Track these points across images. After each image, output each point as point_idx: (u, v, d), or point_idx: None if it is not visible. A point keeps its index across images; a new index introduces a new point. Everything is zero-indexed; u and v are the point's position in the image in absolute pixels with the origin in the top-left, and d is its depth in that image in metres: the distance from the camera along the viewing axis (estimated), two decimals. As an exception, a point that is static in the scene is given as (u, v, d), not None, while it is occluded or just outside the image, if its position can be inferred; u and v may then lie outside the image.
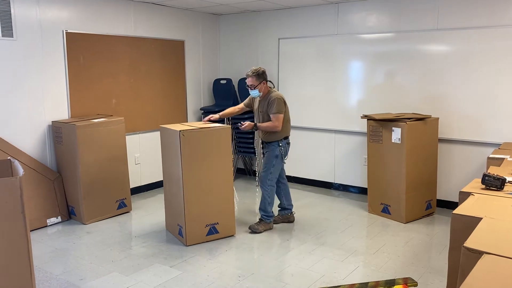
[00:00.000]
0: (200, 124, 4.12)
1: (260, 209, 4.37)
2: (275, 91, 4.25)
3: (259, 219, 4.37)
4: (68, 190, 4.58)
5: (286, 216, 4.56)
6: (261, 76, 4.18)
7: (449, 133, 4.85)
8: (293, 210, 4.61)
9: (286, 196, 4.58)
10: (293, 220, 4.57)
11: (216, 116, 4.33)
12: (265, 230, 4.31)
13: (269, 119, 4.19)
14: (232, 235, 4.14)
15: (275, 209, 4.56)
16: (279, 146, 4.24)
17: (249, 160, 6.59)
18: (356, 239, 4.11)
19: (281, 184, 4.53)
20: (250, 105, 4.47)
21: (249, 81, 4.18)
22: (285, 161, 4.41)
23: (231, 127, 4.26)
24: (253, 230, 4.27)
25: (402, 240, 4.09)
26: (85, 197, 4.45)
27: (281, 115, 4.16)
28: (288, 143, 4.36)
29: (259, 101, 4.31)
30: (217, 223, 4.04)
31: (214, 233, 4.03)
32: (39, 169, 4.42)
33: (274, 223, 4.44)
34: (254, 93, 4.23)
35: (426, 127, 4.59)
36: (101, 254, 3.78)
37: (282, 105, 4.18)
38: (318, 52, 5.70)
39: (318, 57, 5.71)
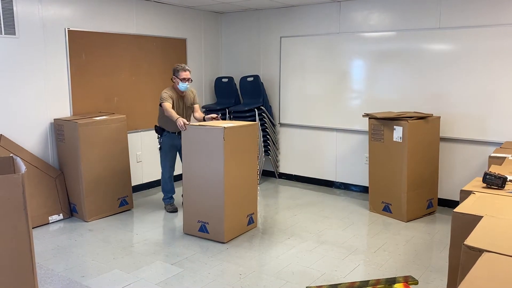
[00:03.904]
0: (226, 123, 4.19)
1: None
2: None
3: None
4: (70, 188, 4.60)
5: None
6: None
7: (450, 132, 4.85)
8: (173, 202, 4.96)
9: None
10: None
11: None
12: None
13: (189, 113, 4.64)
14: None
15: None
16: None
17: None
18: (357, 238, 4.11)
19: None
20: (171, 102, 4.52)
21: (189, 75, 4.48)
22: None
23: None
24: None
25: (403, 238, 4.09)
26: (87, 194, 4.46)
27: None
28: None
29: (181, 97, 4.58)
30: (253, 213, 4.26)
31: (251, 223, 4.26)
32: (41, 167, 4.43)
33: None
34: (187, 86, 4.50)
35: (427, 125, 4.58)
36: (102, 251, 3.79)
37: None
38: (320, 51, 5.70)
39: (320, 55, 5.71)
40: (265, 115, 6.01)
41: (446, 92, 4.83)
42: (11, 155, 2.60)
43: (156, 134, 4.76)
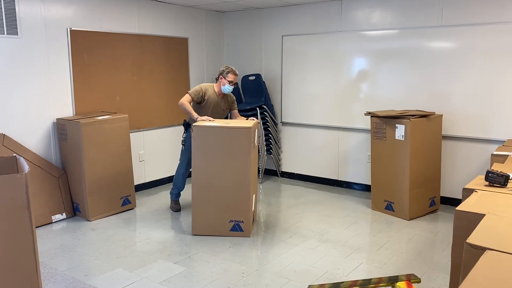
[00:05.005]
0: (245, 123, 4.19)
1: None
2: None
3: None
4: (72, 187, 4.61)
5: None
6: None
7: (453, 130, 4.84)
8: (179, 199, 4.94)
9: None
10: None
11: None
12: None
13: (224, 114, 4.62)
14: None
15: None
16: None
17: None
18: (359, 236, 4.11)
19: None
20: (199, 99, 4.42)
21: (236, 79, 4.47)
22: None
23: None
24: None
25: (405, 237, 4.09)
26: (89, 194, 4.47)
27: None
28: None
29: (220, 97, 4.53)
30: (242, 221, 4.06)
31: (238, 230, 4.07)
32: (44, 166, 4.45)
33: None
34: (231, 90, 4.48)
35: (430, 124, 4.58)
36: (105, 250, 3.80)
37: None
38: (322, 49, 5.70)
39: (321, 54, 5.70)
40: (267, 114, 6.01)
41: (448, 90, 4.82)
42: (14, 154, 2.61)
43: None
